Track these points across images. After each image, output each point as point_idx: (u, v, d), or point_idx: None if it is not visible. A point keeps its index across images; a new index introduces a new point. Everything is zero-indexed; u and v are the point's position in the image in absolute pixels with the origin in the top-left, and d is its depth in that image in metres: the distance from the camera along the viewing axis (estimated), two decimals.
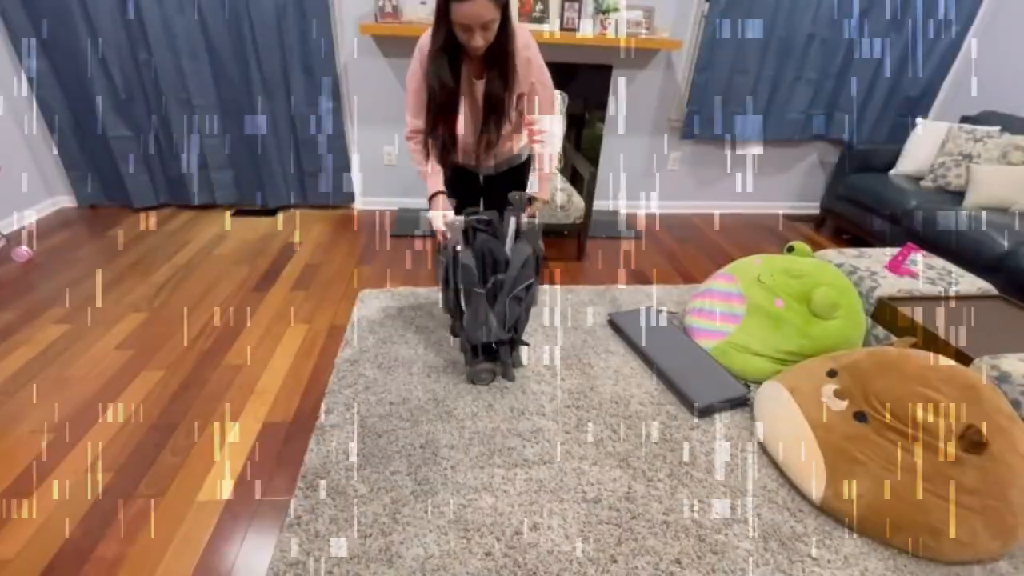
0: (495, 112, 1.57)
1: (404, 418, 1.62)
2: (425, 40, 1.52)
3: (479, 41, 1.39)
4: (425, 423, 1.61)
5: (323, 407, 1.65)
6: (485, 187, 1.92)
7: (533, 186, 1.77)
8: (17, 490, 1.35)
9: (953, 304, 1.90)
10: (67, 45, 2.61)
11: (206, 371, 1.81)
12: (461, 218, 1.63)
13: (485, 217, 1.70)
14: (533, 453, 1.52)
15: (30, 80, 2.68)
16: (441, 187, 1.65)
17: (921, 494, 1.26)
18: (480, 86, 1.56)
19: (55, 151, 2.89)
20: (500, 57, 1.48)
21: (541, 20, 2.77)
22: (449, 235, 1.60)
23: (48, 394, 1.67)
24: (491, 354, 1.78)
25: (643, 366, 1.93)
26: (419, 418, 1.63)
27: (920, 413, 1.31)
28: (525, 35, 1.53)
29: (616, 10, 2.77)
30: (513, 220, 1.71)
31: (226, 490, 1.38)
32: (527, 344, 1.94)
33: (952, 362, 1.42)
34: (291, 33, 2.72)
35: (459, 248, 1.57)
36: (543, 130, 1.68)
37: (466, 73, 1.56)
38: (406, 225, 3.08)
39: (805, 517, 1.37)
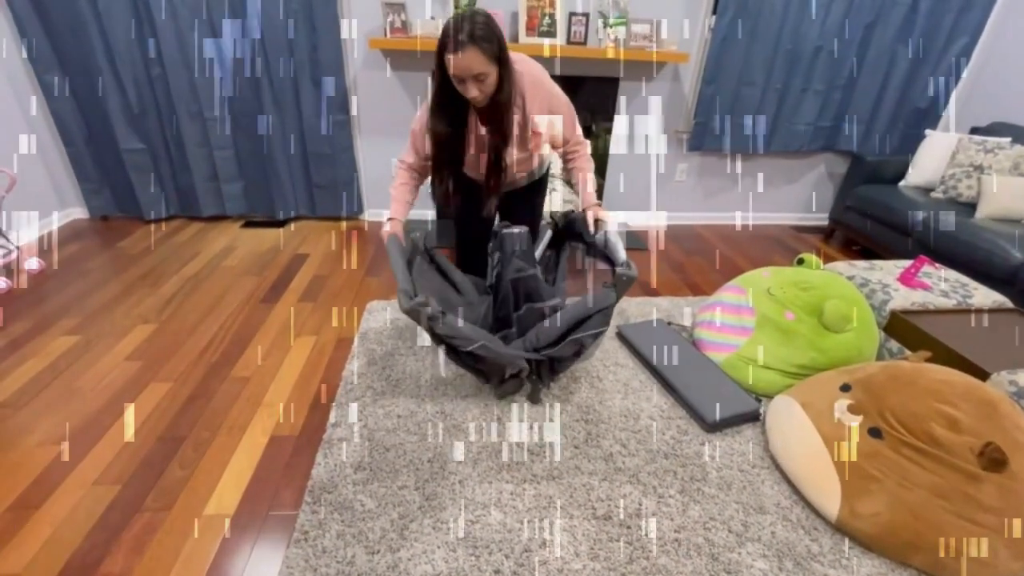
0: (497, 165, 1.58)
1: (412, 431, 1.61)
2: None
3: (474, 92, 1.38)
4: (433, 436, 1.60)
5: (330, 420, 1.64)
6: (501, 202, 1.90)
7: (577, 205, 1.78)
8: (25, 503, 1.34)
9: (968, 317, 1.87)
10: (82, 59, 2.66)
11: (214, 383, 1.81)
12: (400, 233, 1.66)
13: (516, 230, 1.70)
14: (542, 468, 1.50)
15: (45, 93, 2.72)
16: (399, 216, 1.68)
17: (939, 513, 1.23)
18: (482, 130, 1.57)
19: (68, 163, 2.94)
20: (495, 111, 1.47)
21: (549, 34, 2.79)
22: (387, 243, 1.61)
23: (57, 406, 1.67)
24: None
25: (653, 379, 1.91)
26: (427, 431, 1.61)
27: (937, 429, 1.28)
28: (532, 70, 1.52)
29: (623, 24, 2.79)
30: (549, 232, 1.75)
31: (233, 504, 1.37)
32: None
33: (969, 377, 1.40)
34: (301, 47, 2.75)
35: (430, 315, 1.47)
36: (576, 152, 1.69)
37: (473, 119, 1.57)
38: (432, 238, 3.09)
39: (820, 536, 1.34)
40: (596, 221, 1.66)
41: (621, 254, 1.57)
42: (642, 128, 3.27)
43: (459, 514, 1.34)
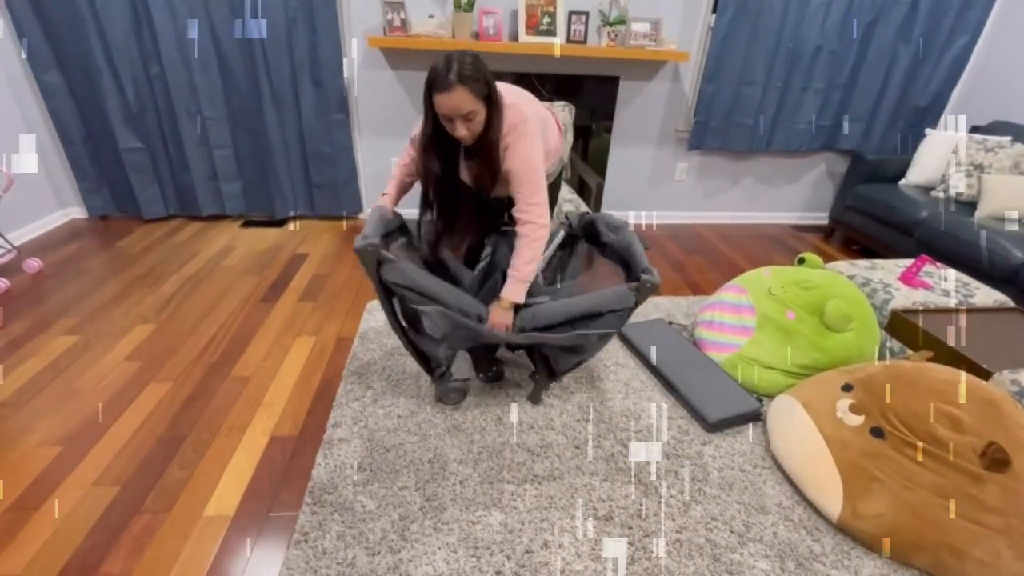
0: (486, 198, 1.62)
1: (412, 432, 1.61)
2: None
3: (462, 131, 1.37)
4: (433, 437, 1.59)
5: (330, 420, 1.64)
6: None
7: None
8: (24, 504, 1.34)
9: (970, 317, 1.87)
10: (80, 59, 2.65)
11: (214, 383, 1.80)
12: (389, 209, 1.64)
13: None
14: (543, 468, 1.50)
15: (43, 93, 2.71)
16: (392, 192, 1.69)
17: (942, 513, 1.23)
18: (469, 164, 1.53)
19: (67, 163, 2.93)
20: (483, 150, 1.44)
21: (549, 33, 2.78)
22: (368, 223, 1.52)
23: (56, 406, 1.66)
24: (491, 365, 1.74)
25: (653, 379, 1.90)
26: (427, 432, 1.61)
27: (940, 429, 1.28)
28: (514, 115, 1.42)
29: (623, 22, 2.79)
30: (561, 234, 1.78)
31: (233, 505, 1.36)
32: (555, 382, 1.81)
33: (971, 377, 1.40)
34: (300, 46, 2.74)
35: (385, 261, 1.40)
36: (526, 222, 1.47)
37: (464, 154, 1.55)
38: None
39: (823, 536, 1.34)
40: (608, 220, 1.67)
41: (643, 260, 1.54)
42: (642, 127, 3.26)
43: (460, 515, 1.34)
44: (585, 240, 1.85)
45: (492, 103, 1.38)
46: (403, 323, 1.57)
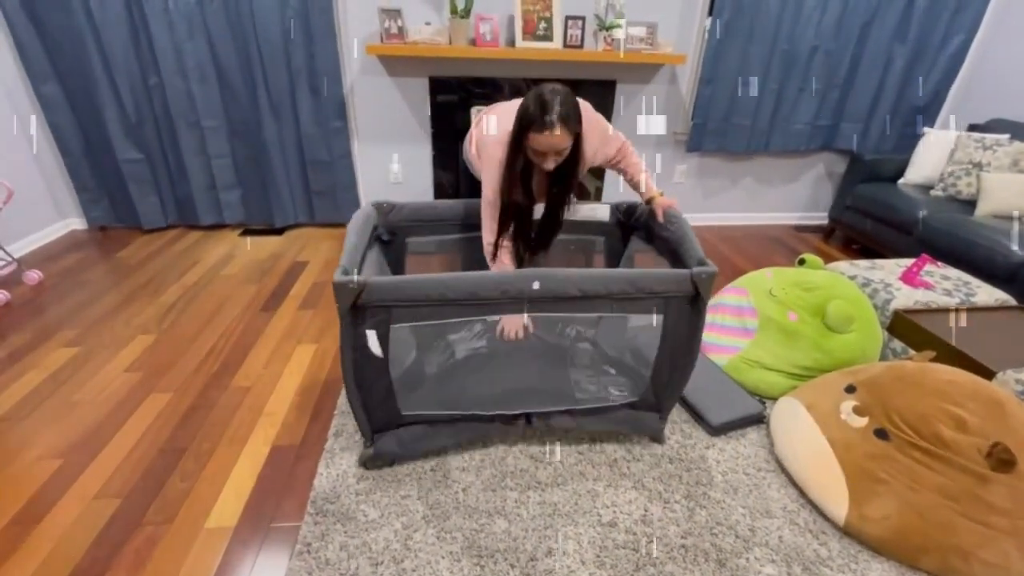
0: (555, 217, 1.65)
1: None
2: (491, 141, 1.47)
3: (551, 165, 1.42)
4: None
5: (332, 429, 1.63)
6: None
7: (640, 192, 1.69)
8: (26, 517, 1.33)
9: (972, 316, 1.86)
10: (79, 70, 2.66)
11: (214, 393, 1.80)
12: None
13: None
14: (546, 475, 1.49)
15: (42, 104, 2.72)
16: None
17: (948, 515, 1.22)
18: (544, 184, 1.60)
19: (66, 174, 2.93)
20: (565, 178, 1.52)
21: (545, 38, 2.79)
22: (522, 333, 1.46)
23: (57, 419, 1.66)
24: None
25: None
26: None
27: (944, 430, 1.27)
28: (592, 122, 1.51)
29: (619, 26, 2.79)
30: (608, 210, 1.78)
31: (235, 516, 1.35)
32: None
33: (975, 376, 1.39)
34: (298, 54, 2.75)
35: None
36: (623, 158, 1.67)
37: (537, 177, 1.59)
38: (414, 243, 3.08)
39: (829, 540, 1.33)
40: (664, 210, 1.57)
41: (698, 250, 1.40)
42: (640, 130, 3.27)
43: (463, 523, 1.33)
44: (635, 232, 1.80)
45: (578, 140, 1.41)
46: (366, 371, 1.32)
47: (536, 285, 1.24)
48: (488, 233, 1.56)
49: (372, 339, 1.26)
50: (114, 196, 3.03)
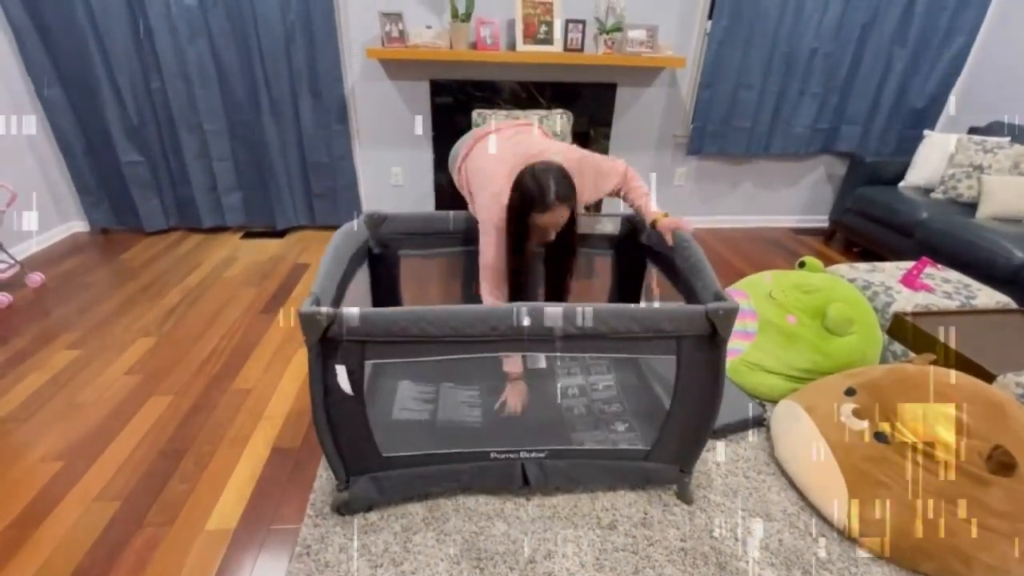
0: (561, 279, 1.63)
1: None
2: (489, 198, 1.43)
3: (552, 236, 1.45)
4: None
5: None
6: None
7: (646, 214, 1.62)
8: (27, 520, 1.33)
9: (972, 319, 1.86)
10: (81, 73, 2.67)
11: (215, 396, 1.80)
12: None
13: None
14: None
15: (45, 107, 2.73)
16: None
17: (948, 518, 1.22)
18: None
19: (68, 177, 2.94)
20: (564, 249, 1.54)
21: (546, 41, 2.80)
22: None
23: (58, 421, 1.66)
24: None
25: None
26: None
27: (944, 433, 1.27)
28: (572, 166, 1.43)
29: (619, 30, 2.80)
30: (609, 225, 1.71)
31: (235, 518, 1.36)
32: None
33: (975, 379, 1.39)
34: (299, 58, 2.76)
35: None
36: (637, 187, 1.65)
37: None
38: (407, 256, 3.08)
39: (829, 543, 1.32)
40: (673, 233, 1.46)
41: (714, 281, 1.23)
42: (640, 133, 3.27)
43: (463, 525, 1.33)
44: (647, 255, 1.69)
45: (573, 210, 1.42)
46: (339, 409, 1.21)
47: (527, 321, 1.12)
48: (490, 296, 1.51)
49: (342, 375, 1.13)
50: (116, 198, 3.04)
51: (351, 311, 1.08)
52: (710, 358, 1.20)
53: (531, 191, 1.33)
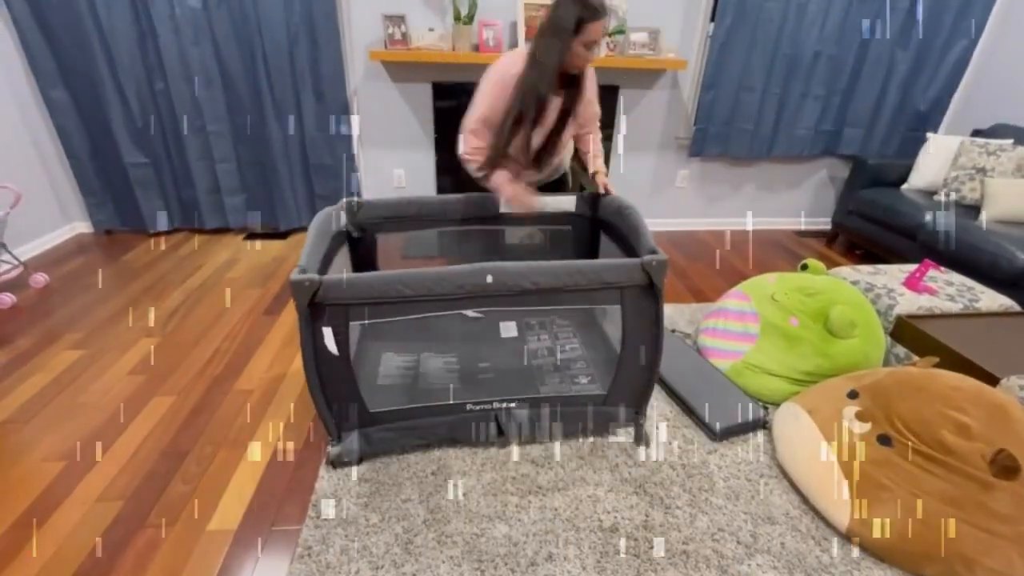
0: (564, 125, 1.70)
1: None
2: (509, 70, 1.59)
3: (594, 56, 1.54)
4: (436, 449, 1.58)
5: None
6: None
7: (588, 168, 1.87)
8: (29, 520, 1.34)
9: (975, 321, 1.85)
10: (85, 74, 2.68)
11: (217, 396, 1.80)
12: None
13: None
14: (547, 480, 1.49)
15: (50, 108, 2.75)
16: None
17: (952, 522, 1.21)
18: (556, 101, 1.66)
19: (72, 178, 2.96)
20: (579, 76, 1.64)
21: None
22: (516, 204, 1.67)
23: (61, 421, 1.67)
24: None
25: (657, 387, 1.89)
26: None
27: (948, 436, 1.27)
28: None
29: (622, 32, 2.81)
30: (574, 198, 1.85)
31: (236, 519, 1.36)
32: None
33: (979, 382, 1.38)
34: (302, 60, 2.77)
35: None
36: (596, 140, 1.85)
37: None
38: (417, 247, 3.09)
39: (831, 546, 1.32)
40: (615, 198, 1.69)
41: (649, 239, 1.42)
42: (642, 135, 3.27)
43: (464, 528, 1.33)
44: (590, 222, 1.88)
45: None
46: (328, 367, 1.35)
47: (489, 279, 1.28)
48: (477, 155, 1.70)
49: (328, 336, 1.28)
50: (119, 200, 3.05)
51: (335, 276, 1.22)
52: (649, 305, 1.40)
53: (583, 4, 1.42)
